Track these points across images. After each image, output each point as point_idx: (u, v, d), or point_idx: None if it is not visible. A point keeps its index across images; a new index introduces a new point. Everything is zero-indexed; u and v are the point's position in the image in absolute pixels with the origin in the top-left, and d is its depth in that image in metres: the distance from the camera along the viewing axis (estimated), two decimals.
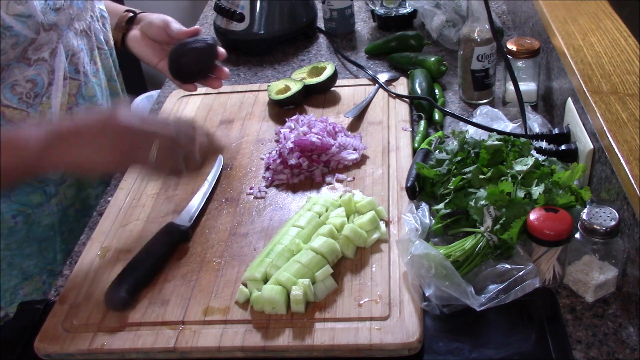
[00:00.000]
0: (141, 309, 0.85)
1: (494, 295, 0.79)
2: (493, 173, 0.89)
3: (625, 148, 0.82)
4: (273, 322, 0.81)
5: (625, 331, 0.79)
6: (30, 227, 1.08)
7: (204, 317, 0.83)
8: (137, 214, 1.03)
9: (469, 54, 1.20)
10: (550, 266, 0.84)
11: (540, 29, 1.26)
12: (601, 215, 0.80)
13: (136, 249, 0.93)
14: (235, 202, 1.03)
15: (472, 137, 0.98)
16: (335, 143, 1.08)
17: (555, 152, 1.00)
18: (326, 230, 0.89)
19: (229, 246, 0.94)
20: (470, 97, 1.26)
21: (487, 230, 0.84)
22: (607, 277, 0.82)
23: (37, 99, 1.01)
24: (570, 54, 1.04)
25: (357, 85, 1.31)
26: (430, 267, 0.80)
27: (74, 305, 0.87)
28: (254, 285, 0.84)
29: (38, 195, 1.07)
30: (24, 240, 1.08)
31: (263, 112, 1.27)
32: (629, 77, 0.96)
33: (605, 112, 0.89)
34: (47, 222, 1.09)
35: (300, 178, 1.07)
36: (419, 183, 0.97)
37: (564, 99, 1.07)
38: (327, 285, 0.84)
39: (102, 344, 0.81)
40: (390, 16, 1.57)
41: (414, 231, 0.87)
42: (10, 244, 1.07)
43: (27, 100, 0.99)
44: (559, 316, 0.81)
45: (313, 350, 0.78)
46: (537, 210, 0.81)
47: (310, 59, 1.51)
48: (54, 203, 1.09)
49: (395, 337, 0.77)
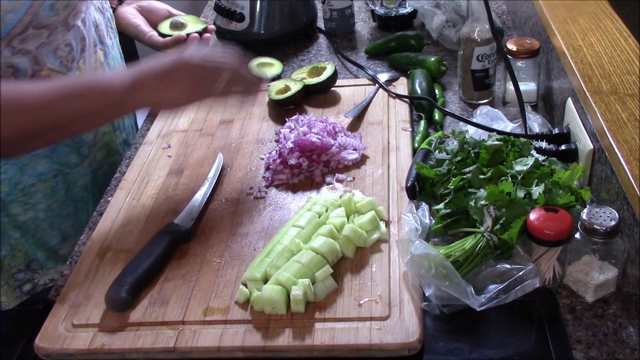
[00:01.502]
0: (141, 309, 0.85)
1: (494, 295, 0.79)
2: (493, 173, 0.89)
3: (625, 148, 0.82)
4: (273, 322, 0.81)
5: (625, 331, 0.79)
6: (68, 187, 1.14)
7: (204, 317, 0.83)
8: (137, 214, 1.03)
9: (469, 54, 1.20)
10: (550, 266, 0.84)
11: (540, 29, 1.26)
12: (601, 215, 0.80)
13: (136, 249, 0.93)
14: (235, 202, 1.03)
15: (472, 137, 0.98)
16: (335, 143, 1.08)
17: (555, 152, 1.00)
18: (326, 230, 0.89)
19: (229, 246, 0.94)
20: (470, 97, 1.26)
21: (487, 230, 0.84)
22: (607, 277, 0.82)
23: (74, 63, 1.07)
24: (570, 54, 1.04)
25: (357, 85, 1.31)
26: (430, 267, 0.80)
27: (74, 305, 0.87)
28: (254, 285, 0.84)
29: (74, 155, 1.13)
30: (63, 200, 1.14)
31: (263, 112, 1.27)
32: (629, 77, 0.96)
33: (605, 112, 0.89)
34: (82, 183, 1.16)
35: (300, 178, 1.07)
36: (419, 183, 0.97)
37: (564, 99, 1.07)
38: (327, 285, 0.84)
39: (102, 344, 0.81)
40: (390, 16, 1.57)
41: (414, 231, 0.87)
42: (51, 205, 1.12)
43: (66, 63, 1.05)
44: (559, 316, 0.81)
45: (313, 350, 0.78)
46: (537, 210, 0.81)
47: (310, 59, 1.51)
48: (87, 164, 1.16)
49: (395, 337, 0.77)
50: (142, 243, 0.94)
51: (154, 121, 1.29)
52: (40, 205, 1.10)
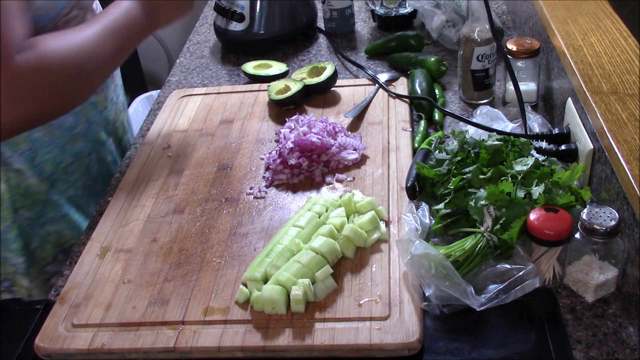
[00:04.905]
0: (141, 309, 0.85)
1: (494, 295, 0.79)
2: (493, 173, 0.89)
3: (625, 148, 0.82)
4: (273, 322, 0.81)
5: (625, 331, 0.79)
6: (100, 164, 1.20)
7: (204, 317, 0.83)
8: (137, 214, 1.03)
9: (469, 54, 1.20)
10: (550, 266, 0.84)
11: (540, 29, 1.26)
12: (601, 215, 0.80)
13: (136, 249, 0.93)
14: (235, 202, 1.03)
15: (472, 137, 0.98)
16: (335, 143, 1.08)
17: (555, 152, 1.00)
18: (326, 230, 0.89)
19: (229, 246, 0.94)
20: (470, 97, 1.26)
21: (487, 230, 0.84)
22: (607, 277, 0.82)
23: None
24: (570, 54, 1.04)
25: (357, 85, 1.31)
26: (430, 267, 0.80)
27: (74, 305, 0.87)
28: (254, 285, 0.84)
29: (103, 133, 1.19)
30: (96, 176, 1.19)
31: (263, 112, 1.27)
32: (629, 77, 0.96)
33: (605, 112, 0.89)
34: (110, 159, 1.23)
35: (300, 178, 1.07)
36: (419, 183, 0.97)
37: (564, 99, 1.07)
38: (327, 285, 0.84)
39: (102, 344, 0.81)
40: (390, 16, 1.57)
41: (414, 231, 0.87)
42: (86, 182, 1.17)
43: None
44: (559, 316, 0.81)
45: (313, 350, 0.78)
46: (537, 210, 0.81)
47: (310, 59, 1.51)
48: (112, 141, 1.23)
49: (395, 337, 0.77)
50: (142, 243, 0.94)
51: (154, 121, 1.29)
52: (79, 183, 1.15)
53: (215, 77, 1.49)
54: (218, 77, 1.49)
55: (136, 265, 0.93)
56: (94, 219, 1.09)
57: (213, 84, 1.46)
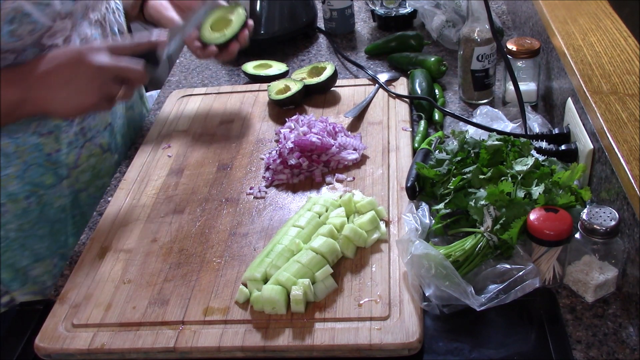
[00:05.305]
0: (141, 309, 0.85)
1: (494, 295, 0.79)
2: (493, 173, 0.89)
3: (625, 148, 0.82)
4: (273, 322, 0.81)
5: (625, 331, 0.79)
6: (42, 209, 1.10)
7: (204, 317, 0.83)
8: (137, 214, 1.03)
9: (469, 54, 1.20)
10: (550, 266, 0.84)
11: (540, 29, 1.26)
12: (601, 215, 0.80)
13: (136, 249, 0.93)
14: (235, 202, 1.03)
15: (472, 137, 0.98)
16: (335, 143, 1.08)
17: (555, 152, 1.00)
18: (326, 230, 0.89)
19: (229, 246, 0.94)
20: (470, 97, 1.26)
21: (487, 230, 0.84)
22: (607, 277, 0.82)
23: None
24: (570, 54, 1.04)
25: (357, 85, 1.31)
26: (430, 267, 0.80)
27: (74, 305, 0.87)
28: (254, 285, 0.84)
29: (50, 176, 1.09)
30: (37, 221, 1.10)
31: (263, 112, 1.27)
32: (629, 77, 0.96)
33: (605, 112, 0.89)
34: (59, 204, 1.12)
35: (300, 178, 1.07)
36: (419, 183, 0.97)
37: (564, 99, 1.07)
38: (327, 285, 0.84)
39: (102, 344, 0.81)
40: (390, 16, 1.57)
41: (414, 231, 0.87)
42: (23, 225, 1.09)
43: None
44: (559, 316, 0.81)
45: (313, 350, 0.78)
46: (537, 210, 0.81)
47: (310, 59, 1.51)
48: (66, 185, 1.12)
49: (395, 337, 0.77)
50: (142, 243, 0.94)
51: (154, 121, 1.29)
52: (11, 226, 1.08)
53: (215, 77, 1.49)
54: (218, 77, 1.49)
55: (136, 265, 0.93)
56: (94, 219, 1.09)
57: (213, 84, 1.46)
